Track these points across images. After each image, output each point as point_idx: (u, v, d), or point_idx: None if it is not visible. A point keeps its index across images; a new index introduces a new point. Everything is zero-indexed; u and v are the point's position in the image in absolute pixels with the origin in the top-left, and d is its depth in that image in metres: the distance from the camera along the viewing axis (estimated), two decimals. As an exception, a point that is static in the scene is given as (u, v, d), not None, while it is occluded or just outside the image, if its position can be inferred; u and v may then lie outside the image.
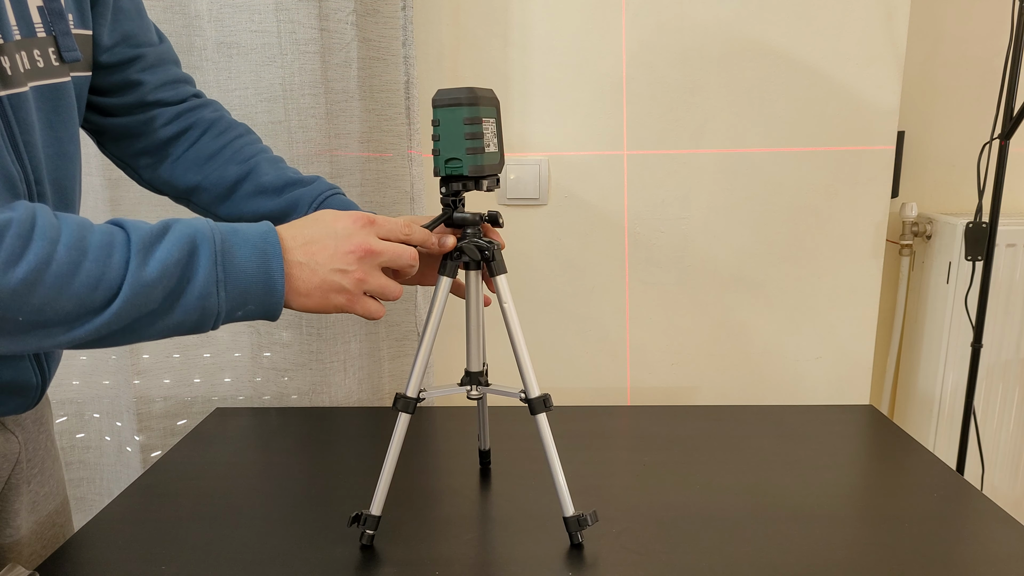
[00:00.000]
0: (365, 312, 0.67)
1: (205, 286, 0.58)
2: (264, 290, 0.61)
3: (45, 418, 0.85)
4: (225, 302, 0.60)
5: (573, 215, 1.37)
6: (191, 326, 0.60)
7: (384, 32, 1.24)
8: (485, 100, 0.73)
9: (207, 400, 1.33)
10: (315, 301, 0.64)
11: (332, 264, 0.64)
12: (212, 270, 0.59)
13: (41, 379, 0.75)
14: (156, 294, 0.57)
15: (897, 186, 1.53)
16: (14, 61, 0.63)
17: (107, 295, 0.55)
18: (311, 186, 0.88)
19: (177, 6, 1.19)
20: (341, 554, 0.78)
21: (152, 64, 0.83)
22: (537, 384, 0.77)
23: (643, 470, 0.97)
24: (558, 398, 1.43)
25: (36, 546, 0.83)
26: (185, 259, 0.58)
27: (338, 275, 0.64)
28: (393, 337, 1.35)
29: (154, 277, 0.56)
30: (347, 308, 0.67)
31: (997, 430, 1.58)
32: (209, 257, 0.59)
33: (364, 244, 0.66)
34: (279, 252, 0.62)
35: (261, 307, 0.62)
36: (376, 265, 0.67)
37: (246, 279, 0.60)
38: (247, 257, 0.61)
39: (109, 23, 0.78)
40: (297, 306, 0.64)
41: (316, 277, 0.64)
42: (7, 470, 0.78)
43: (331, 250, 0.64)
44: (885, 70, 1.31)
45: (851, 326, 1.41)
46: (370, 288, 0.67)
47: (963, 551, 0.78)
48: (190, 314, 0.59)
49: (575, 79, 1.32)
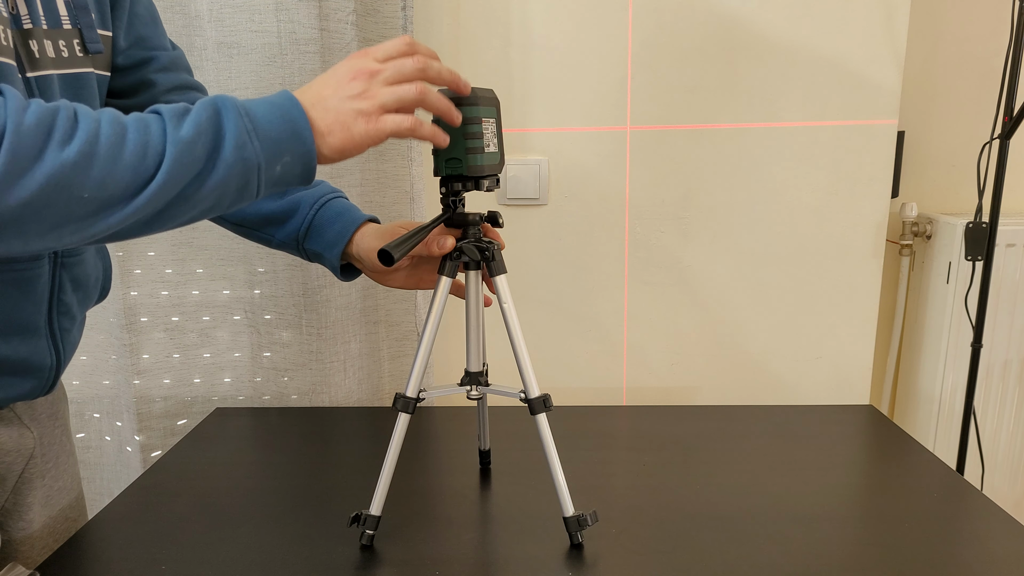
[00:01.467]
0: (396, 128, 0.66)
1: (238, 136, 0.60)
2: (292, 135, 0.62)
3: (60, 412, 0.86)
4: (261, 151, 0.61)
5: (573, 215, 1.37)
6: (238, 187, 0.61)
7: (384, 32, 1.24)
8: (485, 100, 0.73)
9: (207, 400, 1.33)
10: (339, 137, 0.64)
11: (338, 95, 0.65)
12: (239, 122, 0.60)
13: (56, 360, 0.75)
14: (197, 151, 0.58)
15: (897, 186, 1.53)
16: (42, 46, 0.66)
17: (155, 160, 0.57)
18: (314, 189, 0.88)
19: (177, 6, 1.19)
20: (341, 554, 0.78)
21: (165, 67, 0.86)
22: (537, 384, 0.77)
23: (643, 470, 0.97)
24: (558, 398, 1.43)
25: (48, 540, 0.83)
26: (213, 117, 0.60)
27: (347, 101, 0.65)
28: (393, 337, 1.35)
29: (191, 135, 0.58)
30: (375, 132, 0.65)
31: (997, 430, 1.58)
32: (233, 111, 0.61)
33: (360, 67, 0.66)
34: (295, 101, 0.63)
35: (296, 156, 0.63)
36: (381, 81, 0.66)
37: (272, 128, 0.62)
38: (266, 112, 0.62)
39: (125, 26, 0.81)
40: (327, 149, 0.64)
41: (330, 113, 0.64)
42: (21, 464, 0.79)
43: (333, 85, 0.66)
44: (885, 70, 1.31)
45: (851, 326, 1.41)
46: (384, 101, 0.65)
47: (963, 551, 0.78)
48: (233, 168, 0.60)
49: (575, 79, 1.32)
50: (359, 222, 0.87)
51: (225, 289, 1.30)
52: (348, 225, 0.86)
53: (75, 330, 0.79)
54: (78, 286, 0.77)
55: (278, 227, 0.89)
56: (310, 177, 0.65)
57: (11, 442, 0.77)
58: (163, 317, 1.30)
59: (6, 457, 0.77)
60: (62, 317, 0.75)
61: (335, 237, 0.86)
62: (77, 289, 0.77)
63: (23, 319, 0.70)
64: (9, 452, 0.77)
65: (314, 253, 0.88)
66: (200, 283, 1.30)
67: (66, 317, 0.76)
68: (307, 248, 0.88)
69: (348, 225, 0.86)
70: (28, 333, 0.71)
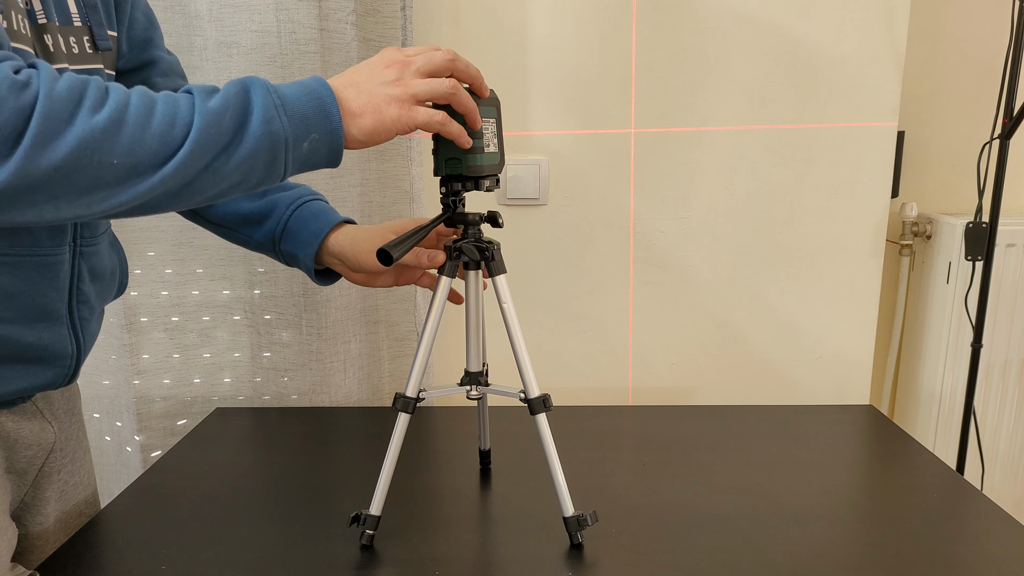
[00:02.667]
0: (428, 120, 0.67)
1: (266, 110, 0.60)
2: (320, 112, 0.63)
3: (77, 408, 0.87)
4: (289, 127, 0.61)
5: (573, 215, 1.37)
6: (266, 162, 0.62)
7: (384, 32, 1.24)
8: (485, 100, 0.74)
9: (207, 400, 1.33)
10: (370, 119, 0.65)
11: (372, 80, 0.66)
12: (268, 97, 0.61)
13: (76, 348, 0.76)
14: (225, 123, 0.59)
15: (897, 186, 1.53)
16: (56, 41, 0.68)
17: (183, 130, 0.58)
18: (292, 191, 0.90)
19: (177, 6, 1.19)
20: (341, 554, 0.78)
21: (164, 72, 0.88)
22: (537, 384, 0.77)
23: (643, 470, 0.97)
24: (558, 398, 1.43)
25: (61, 536, 0.84)
26: (242, 92, 0.61)
27: (381, 87, 0.66)
28: (393, 337, 1.35)
29: (219, 107, 0.59)
30: (407, 119, 0.66)
31: (997, 430, 1.58)
32: (261, 88, 0.61)
33: (393, 57, 0.68)
34: (323, 82, 0.64)
35: (324, 134, 0.63)
36: (414, 72, 0.67)
37: (300, 104, 0.62)
38: (295, 91, 0.63)
39: (127, 29, 0.83)
40: (356, 131, 0.65)
41: (362, 95, 0.65)
42: (41, 458, 0.80)
43: (367, 72, 0.67)
44: (885, 70, 1.31)
45: (851, 326, 1.41)
46: (418, 91, 0.67)
47: (963, 551, 0.78)
48: (261, 141, 0.60)
49: (575, 79, 1.32)
50: (333, 223, 0.87)
51: (225, 289, 1.30)
52: (323, 226, 0.87)
53: (94, 321, 0.80)
54: (96, 276, 0.78)
55: (255, 228, 0.89)
56: (337, 158, 0.65)
57: (32, 436, 0.78)
58: (163, 317, 1.30)
59: (27, 451, 0.78)
60: (82, 306, 0.76)
61: (309, 238, 0.86)
62: (95, 280, 0.78)
63: (46, 305, 0.71)
64: (31, 446, 0.78)
65: (290, 255, 0.88)
66: (200, 283, 1.30)
67: (85, 306, 0.77)
68: (283, 250, 0.88)
69: (323, 226, 0.87)
70: (51, 320, 0.72)
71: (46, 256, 0.70)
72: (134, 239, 1.27)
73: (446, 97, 0.68)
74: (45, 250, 0.70)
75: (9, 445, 0.75)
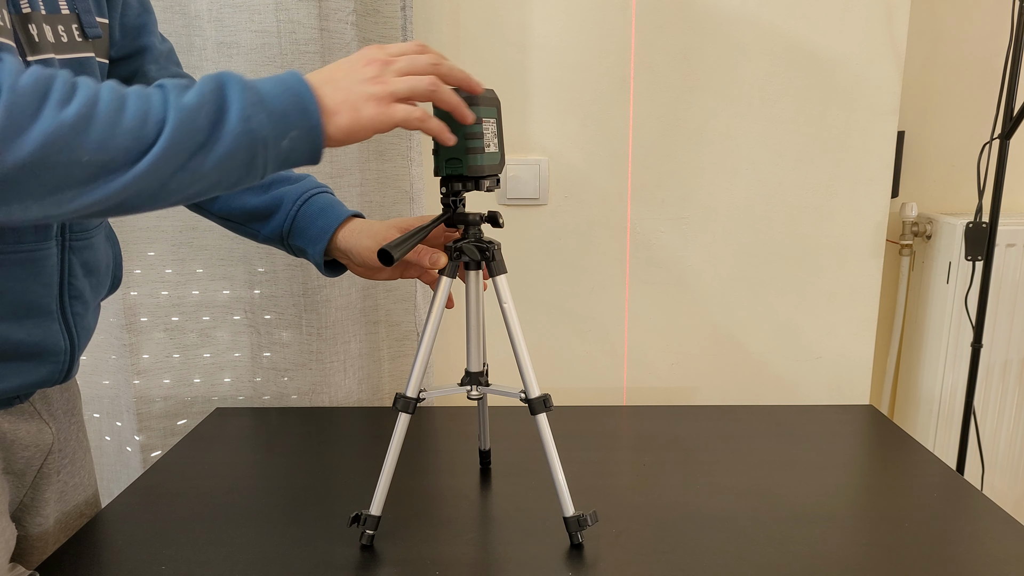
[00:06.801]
0: (406, 117, 0.65)
1: (243, 108, 0.59)
2: (298, 108, 0.61)
3: (76, 408, 0.87)
4: (268, 124, 0.60)
5: (573, 215, 1.37)
6: (244, 161, 0.60)
7: (384, 32, 1.24)
8: (485, 100, 0.74)
9: (207, 400, 1.33)
10: (347, 117, 0.63)
11: (350, 77, 0.64)
12: (244, 95, 0.59)
13: (70, 344, 0.75)
14: (200, 121, 0.57)
15: (897, 186, 1.53)
16: (41, 30, 0.66)
17: (156, 127, 0.56)
18: (298, 184, 0.89)
19: (177, 6, 1.19)
20: (341, 554, 0.78)
21: (157, 59, 0.86)
22: (537, 384, 0.77)
23: (643, 470, 0.97)
24: (558, 398, 1.43)
25: (61, 537, 0.84)
26: (218, 89, 0.59)
27: (359, 84, 0.64)
28: (393, 337, 1.35)
29: (194, 103, 0.57)
30: (384, 117, 0.65)
31: (997, 430, 1.58)
32: (238, 84, 0.60)
33: (374, 55, 0.66)
34: (300, 77, 0.63)
35: (303, 131, 0.62)
36: (394, 71, 0.66)
37: (278, 101, 0.61)
38: (271, 86, 0.61)
39: (120, 16, 0.81)
40: (333, 129, 0.63)
41: (340, 92, 0.64)
42: (40, 459, 0.80)
43: (345, 69, 0.65)
44: (885, 70, 1.31)
45: (851, 326, 1.41)
46: (396, 89, 0.65)
47: (963, 551, 0.78)
48: (239, 140, 0.59)
49: (575, 79, 1.32)
50: (343, 218, 0.87)
51: (225, 289, 1.30)
52: (332, 221, 0.86)
53: (89, 316, 0.79)
54: (89, 271, 0.77)
55: (262, 223, 0.89)
56: (317, 155, 0.64)
57: (30, 436, 0.77)
58: (163, 317, 1.30)
59: (25, 452, 0.77)
60: (74, 301, 0.75)
61: (318, 233, 0.86)
62: (88, 274, 0.77)
63: (34, 301, 0.70)
64: (28, 447, 0.77)
65: (299, 249, 0.88)
66: (200, 283, 1.30)
67: (79, 302, 0.76)
68: (292, 244, 0.88)
69: (332, 221, 0.86)
70: (40, 316, 0.71)
71: (31, 252, 0.69)
72: (134, 239, 1.27)
73: (426, 94, 0.66)
74: (29, 246, 0.69)
75: (6, 446, 0.75)
